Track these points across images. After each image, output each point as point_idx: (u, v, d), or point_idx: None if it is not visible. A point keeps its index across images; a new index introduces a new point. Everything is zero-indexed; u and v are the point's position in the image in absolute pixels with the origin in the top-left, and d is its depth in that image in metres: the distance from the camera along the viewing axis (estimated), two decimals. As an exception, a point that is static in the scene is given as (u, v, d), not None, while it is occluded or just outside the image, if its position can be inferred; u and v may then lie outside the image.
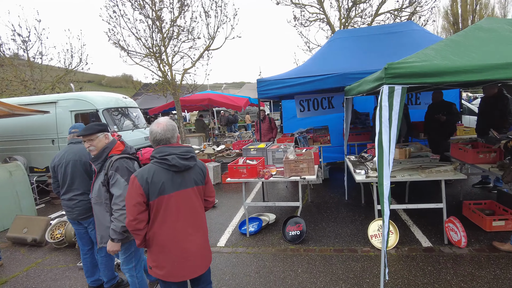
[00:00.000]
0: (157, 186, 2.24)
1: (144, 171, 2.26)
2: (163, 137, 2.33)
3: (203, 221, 2.50)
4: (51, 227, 5.40)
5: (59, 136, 8.33)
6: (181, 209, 2.33)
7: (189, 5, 9.35)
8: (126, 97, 9.59)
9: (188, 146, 2.46)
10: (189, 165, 2.37)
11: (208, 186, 2.58)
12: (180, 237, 2.33)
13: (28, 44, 12.67)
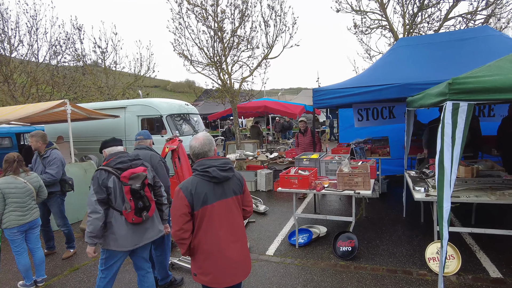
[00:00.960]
0: (200, 197, 2.36)
1: (188, 183, 2.39)
2: (201, 151, 2.48)
3: (242, 230, 2.59)
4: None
5: (126, 139, 9.09)
6: (223, 218, 2.45)
7: (250, 15, 9.61)
8: (188, 104, 10.15)
9: (226, 158, 2.56)
10: (228, 176, 2.48)
11: (246, 195, 2.67)
12: (223, 245, 2.42)
13: (105, 54, 14.12)
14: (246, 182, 2.74)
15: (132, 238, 3.14)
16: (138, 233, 3.18)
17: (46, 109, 6.55)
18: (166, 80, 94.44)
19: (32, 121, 8.69)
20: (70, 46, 14.28)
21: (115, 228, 3.06)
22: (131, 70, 14.93)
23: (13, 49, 13.67)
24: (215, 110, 15.19)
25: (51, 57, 14.39)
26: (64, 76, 14.61)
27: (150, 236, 3.27)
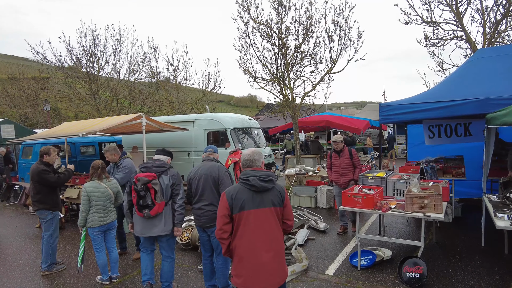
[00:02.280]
0: (239, 202, 2.61)
1: (231, 189, 2.71)
2: (249, 161, 2.76)
3: (278, 240, 2.69)
4: (181, 230, 6.24)
5: (194, 150, 9.63)
6: (259, 225, 2.61)
7: (314, 31, 9.68)
8: (250, 119, 10.45)
9: (269, 171, 2.76)
10: (267, 186, 2.66)
11: (286, 209, 2.78)
12: (256, 251, 2.59)
13: (177, 71, 15.29)
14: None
15: (141, 228, 4.01)
16: (147, 226, 3.99)
17: (125, 121, 7.26)
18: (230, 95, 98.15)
19: (112, 132, 9.67)
20: (146, 64, 15.78)
21: (134, 216, 4.07)
22: (199, 86, 15.92)
23: (100, 69, 15.49)
24: (276, 124, 15.38)
25: (130, 75, 16.01)
26: (141, 91, 16.13)
27: (156, 231, 3.98)
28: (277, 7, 9.70)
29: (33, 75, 30.75)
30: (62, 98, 16.88)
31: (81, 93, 15.62)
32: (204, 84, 15.67)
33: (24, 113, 25.68)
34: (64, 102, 17.66)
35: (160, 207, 3.93)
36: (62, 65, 15.55)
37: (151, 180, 3.88)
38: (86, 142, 11.76)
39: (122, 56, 15.69)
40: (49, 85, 17.91)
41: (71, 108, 17.74)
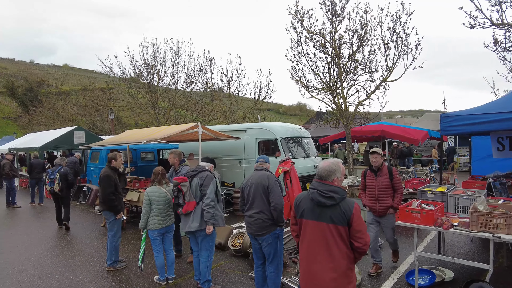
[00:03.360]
0: (300, 209, 2.79)
1: (301, 194, 2.90)
2: (321, 174, 2.76)
3: (334, 257, 2.59)
4: (232, 236, 6.39)
5: (245, 158, 9.84)
6: (314, 237, 2.67)
7: (368, 39, 9.45)
8: (301, 128, 10.43)
9: (336, 187, 2.67)
10: (324, 202, 2.63)
11: (353, 230, 2.60)
12: (309, 259, 2.70)
13: (230, 82, 15.82)
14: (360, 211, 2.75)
15: (183, 224, 4.55)
16: (184, 223, 4.51)
17: (184, 130, 7.69)
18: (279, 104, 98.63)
19: (170, 139, 10.26)
20: (202, 75, 16.53)
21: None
22: (251, 96, 16.26)
23: (160, 80, 16.55)
24: (327, 133, 15.11)
25: (187, 86, 16.88)
26: (196, 101, 16.94)
27: (190, 226, 4.41)
28: (331, 16, 9.65)
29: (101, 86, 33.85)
30: (125, 107, 18.31)
31: (142, 102, 16.80)
32: (256, 94, 16.01)
33: (92, 121, 28.22)
34: (127, 111, 19.15)
35: (189, 205, 4.39)
36: (126, 76, 16.89)
37: (180, 182, 4.42)
38: (146, 148, 12.60)
39: (180, 68, 16.62)
40: (114, 95, 19.55)
41: (133, 117, 19.16)
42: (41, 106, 37.84)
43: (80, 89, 47.32)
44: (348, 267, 2.62)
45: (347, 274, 2.61)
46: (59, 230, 8.32)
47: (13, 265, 5.92)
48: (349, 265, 2.63)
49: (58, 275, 5.41)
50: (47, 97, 41.98)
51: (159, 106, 16.59)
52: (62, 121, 29.13)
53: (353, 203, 2.66)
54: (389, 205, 5.04)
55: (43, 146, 14.15)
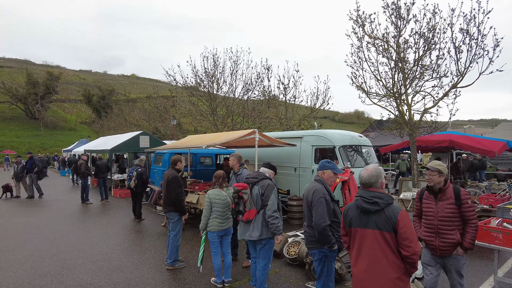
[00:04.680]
0: (347, 219, 2.85)
1: (349, 204, 2.90)
2: (366, 181, 2.77)
3: (381, 265, 2.60)
4: (288, 244, 6.30)
5: (300, 166, 9.71)
6: (362, 244, 2.70)
7: (437, 42, 8.81)
8: (361, 136, 10.03)
9: (381, 193, 2.71)
10: (369, 208, 2.67)
11: (400, 237, 2.56)
12: (358, 267, 2.73)
13: (287, 90, 15.85)
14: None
15: (241, 231, 4.55)
16: (244, 230, 4.48)
17: (241, 136, 7.82)
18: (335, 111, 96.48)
19: (228, 145, 10.50)
20: (259, 83, 16.80)
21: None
22: (307, 103, 16.13)
23: (219, 88, 17.14)
24: (389, 142, 14.35)
25: (244, 93, 17.25)
26: (253, 108, 17.23)
27: (250, 236, 4.36)
28: (394, 20, 9.19)
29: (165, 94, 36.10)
30: (186, 114, 19.26)
31: (202, 109, 17.52)
32: (313, 100, 15.82)
33: (156, 126, 30.12)
34: (188, 118, 20.10)
35: (250, 214, 4.33)
36: (187, 85, 17.78)
37: (241, 189, 4.39)
38: (205, 153, 13.06)
39: (238, 77, 17.07)
40: (176, 102, 20.68)
41: (193, 123, 20.03)
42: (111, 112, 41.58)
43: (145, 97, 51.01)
44: (398, 277, 2.57)
45: (396, 284, 2.56)
46: (125, 226, 8.92)
47: (86, 256, 6.46)
48: (400, 275, 2.58)
49: (124, 269, 5.78)
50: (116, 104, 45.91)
51: (218, 113, 17.18)
52: (129, 126, 31.56)
53: (399, 210, 2.63)
54: (454, 241, 3.57)
55: (113, 149, 15.40)
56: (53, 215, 10.52)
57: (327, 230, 3.63)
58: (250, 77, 17.09)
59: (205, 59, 16.95)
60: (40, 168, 14.11)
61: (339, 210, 3.92)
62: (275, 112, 16.07)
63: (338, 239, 3.75)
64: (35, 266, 5.90)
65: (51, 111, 70.41)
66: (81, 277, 5.37)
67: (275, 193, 4.38)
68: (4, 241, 7.52)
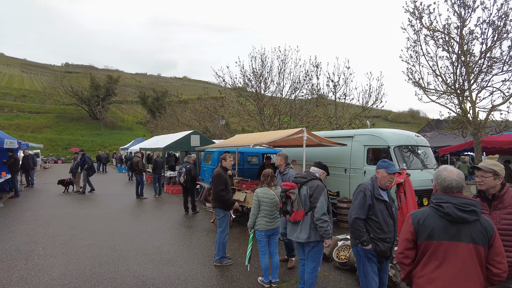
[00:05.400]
0: (426, 229, 2.31)
1: (419, 212, 2.41)
2: (448, 185, 2.35)
3: (471, 284, 2.20)
4: (337, 247, 6.05)
5: (351, 167, 9.31)
6: (448, 261, 2.24)
7: (509, 31, 7.93)
8: (418, 135, 9.36)
9: (472, 200, 2.31)
10: (466, 218, 2.23)
11: (493, 252, 2.23)
12: (438, 286, 2.24)
13: (337, 87, 15.35)
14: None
15: (288, 230, 4.43)
16: (291, 230, 4.35)
17: (289, 135, 7.69)
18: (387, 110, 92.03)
19: (275, 144, 10.44)
20: (307, 81, 16.49)
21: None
22: (359, 101, 15.47)
23: (266, 88, 17.15)
24: (448, 142, 13.27)
25: (292, 92, 17.06)
26: (301, 107, 16.98)
27: (296, 237, 4.23)
28: (458, 9, 8.44)
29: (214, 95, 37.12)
30: (234, 114, 19.56)
31: (249, 109, 17.66)
32: (364, 99, 15.13)
33: (206, 126, 31.05)
34: (236, 117, 20.41)
35: (297, 214, 4.16)
36: (236, 86, 18.02)
37: (289, 189, 4.22)
38: (252, 152, 13.12)
39: (286, 76, 16.92)
40: (225, 102, 21.11)
41: (241, 123, 20.30)
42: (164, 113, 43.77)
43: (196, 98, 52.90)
44: None
45: None
46: (175, 221, 9.24)
47: (139, 249, 6.77)
48: None
49: (174, 263, 5.95)
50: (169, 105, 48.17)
51: (265, 112, 17.20)
52: (181, 126, 32.92)
53: (490, 220, 2.32)
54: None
55: (166, 147, 16.11)
56: (110, 208, 11.24)
57: (357, 223, 3.64)
58: (298, 75, 16.87)
59: (253, 59, 17.06)
60: (90, 165, 14.91)
61: (386, 212, 3.70)
62: (324, 110, 15.64)
63: (376, 240, 3.63)
64: (95, 255, 6.31)
65: (110, 112, 76.07)
66: (134, 269, 5.62)
67: (324, 195, 4.19)
68: (69, 230, 8.17)
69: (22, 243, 7.04)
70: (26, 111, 70.25)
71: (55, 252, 6.43)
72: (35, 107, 73.68)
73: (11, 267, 5.64)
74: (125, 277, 5.25)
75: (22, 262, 5.89)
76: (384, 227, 3.63)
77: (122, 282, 5.07)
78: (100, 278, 5.21)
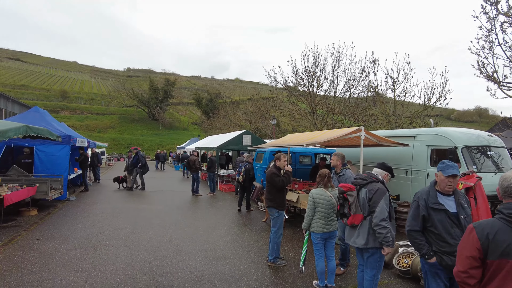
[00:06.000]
0: (500, 246, 1.96)
1: (486, 224, 2.07)
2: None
3: None
4: (398, 254, 5.65)
5: (412, 169, 8.70)
6: None
7: None
8: (491, 135, 8.45)
9: None
10: None
11: None
12: None
13: (396, 84, 14.48)
14: None
15: (346, 234, 4.27)
16: (349, 234, 4.16)
17: (345, 134, 7.38)
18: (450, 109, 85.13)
19: (329, 144, 10.10)
20: (363, 79, 15.79)
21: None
22: (420, 98, 14.39)
23: (319, 86, 16.76)
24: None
25: (346, 90, 16.47)
26: (357, 106, 16.32)
27: (354, 242, 4.02)
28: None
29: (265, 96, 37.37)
30: (286, 113, 19.42)
31: (301, 109, 17.40)
32: (427, 96, 14.05)
33: (257, 126, 31.33)
34: (287, 117, 20.25)
35: (355, 218, 3.94)
36: (287, 85, 17.87)
37: (347, 190, 4.02)
38: (304, 152, 12.89)
39: (340, 73, 16.38)
40: (277, 102, 21.07)
41: (292, 123, 20.09)
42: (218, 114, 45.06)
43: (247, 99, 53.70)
44: None
45: None
46: (229, 219, 9.37)
47: (195, 244, 6.97)
48: None
49: (228, 260, 6.01)
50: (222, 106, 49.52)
51: (317, 112, 16.82)
52: (233, 126, 33.60)
53: None
54: None
55: (219, 146, 16.51)
56: (167, 204, 11.77)
57: (412, 235, 3.36)
58: (353, 72, 16.23)
59: (305, 57, 16.78)
60: (144, 163, 15.55)
61: (449, 222, 3.22)
62: (382, 108, 14.81)
63: (441, 254, 3.22)
64: (154, 248, 6.61)
65: (168, 113, 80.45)
66: (190, 264, 5.78)
67: (386, 199, 3.87)
68: (131, 223, 8.69)
69: (91, 233, 7.63)
70: (94, 113, 77.08)
71: (118, 244, 6.87)
72: (101, 109, 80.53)
73: (83, 254, 6.12)
74: (181, 272, 5.41)
75: (91, 251, 6.37)
76: (448, 239, 3.19)
77: (179, 276, 5.23)
78: (158, 271, 5.43)
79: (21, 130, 7.33)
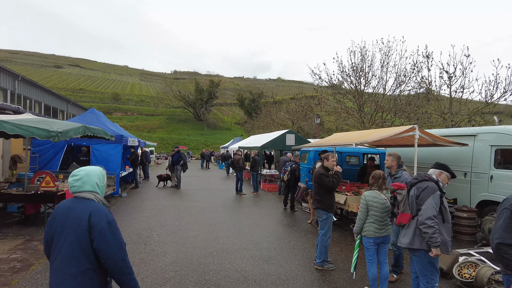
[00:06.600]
0: None
1: None
2: None
3: None
4: (459, 263, 5.19)
5: (473, 171, 7.99)
6: None
7: None
8: None
9: None
10: None
11: None
12: None
13: (452, 79, 13.41)
14: None
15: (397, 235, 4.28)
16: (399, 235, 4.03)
17: (397, 133, 6.95)
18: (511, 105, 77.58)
19: (379, 144, 9.61)
20: (415, 74, 14.84)
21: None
22: (480, 94, 13.15)
23: (366, 83, 16.08)
24: None
25: (396, 87, 15.62)
26: (408, 103, 15.40)
27: (400, 241, 3.88)
28: None
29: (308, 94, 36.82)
30: (330, 112, 18.91)
31: (347, 107, 16.83)
32: (489, 91, 12.82)
33: (300, 126, 30.96)
34: (332, 116, 19.72)
35: (403, 217, 3.81)
36: (332, 82, 17.37)
37: (397, 189, 3.93)
38: (351, 152, 12.43)
39: (389, 69, 15.59)
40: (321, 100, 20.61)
41: (337, 121, 19.52)
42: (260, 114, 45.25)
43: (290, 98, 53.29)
44: None
45: None
46: (272, 219, 9.29)
47: (240, 242, 6.97)
48: None
49: (274, 261, 5.92)
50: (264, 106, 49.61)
51: (365, 110, 16.16)
52: (276, 126, 33.51)
53: None
54: None
55: (262, 146, 16.50)
56: (212, 202, 11.98)
57: (502, 249, 2.96)
58: (404, 67, 15.34)
59: (352, 53, 16.20)
60: (185, 162, 15.89)
61: None
62: (437, 106, 13.77)
63: None
64: (201, 245, 6.72)
65: (212, 113, 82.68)
66: (237, 263, 5.77)
67: (435, 198, 3.62)
68: (178, 220, 8.94)
69: (141, 229, 7.95)
70: (143, 114, 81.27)
71: (167, 240, 7.08)
72: (150, 110, 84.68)
73: (134, 249, 6.38)
74: (228, 271, 5.41)
75: (142, 246, 6.63)
76: None
77: (226, 275, 5.23)
78: (206, 269, 5.49)
79: (80, 130, 7.83)
